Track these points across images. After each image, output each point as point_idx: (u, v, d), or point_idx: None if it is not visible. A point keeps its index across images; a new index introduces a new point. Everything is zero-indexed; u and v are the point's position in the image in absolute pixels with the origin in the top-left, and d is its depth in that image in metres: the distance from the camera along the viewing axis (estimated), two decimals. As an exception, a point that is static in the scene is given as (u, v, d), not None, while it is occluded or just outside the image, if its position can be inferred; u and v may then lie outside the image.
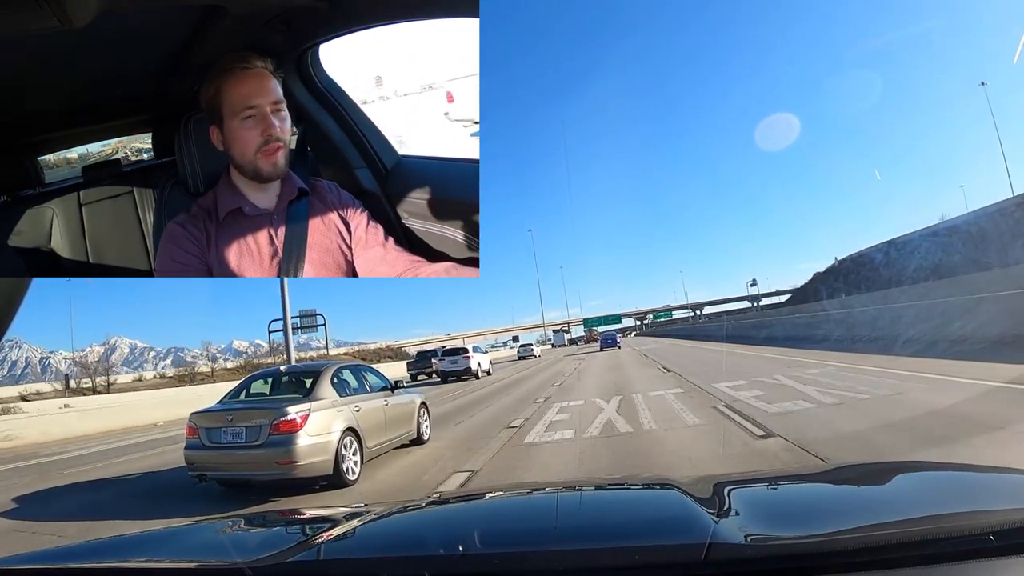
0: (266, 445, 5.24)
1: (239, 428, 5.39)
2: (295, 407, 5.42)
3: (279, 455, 5.21)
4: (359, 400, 6.27)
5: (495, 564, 1.01)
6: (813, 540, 0.95)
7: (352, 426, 5.83)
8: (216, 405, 6.13)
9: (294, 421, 5.30)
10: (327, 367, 6.38)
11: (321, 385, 5.97)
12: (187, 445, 5.65)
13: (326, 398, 5.82)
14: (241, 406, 5.86)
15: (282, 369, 6.99)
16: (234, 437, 5.39)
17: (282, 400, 5.82)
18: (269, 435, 5.24)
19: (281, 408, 5.39)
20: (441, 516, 1.58)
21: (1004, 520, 0.91)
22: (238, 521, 1.75)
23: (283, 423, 5.28)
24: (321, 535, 1.22)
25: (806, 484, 1.59)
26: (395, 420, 6.92)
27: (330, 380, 6.10)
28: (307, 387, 6.02)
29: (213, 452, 5.45)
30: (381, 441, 6.47)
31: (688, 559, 0.92)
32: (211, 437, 5.49)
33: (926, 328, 12.44)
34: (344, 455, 5.61)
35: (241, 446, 5.35)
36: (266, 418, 5.32)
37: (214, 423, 5.53)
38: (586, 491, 1.77)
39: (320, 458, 5.36)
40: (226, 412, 5.59)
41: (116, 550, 1.40)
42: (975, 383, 6.86)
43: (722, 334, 31.87)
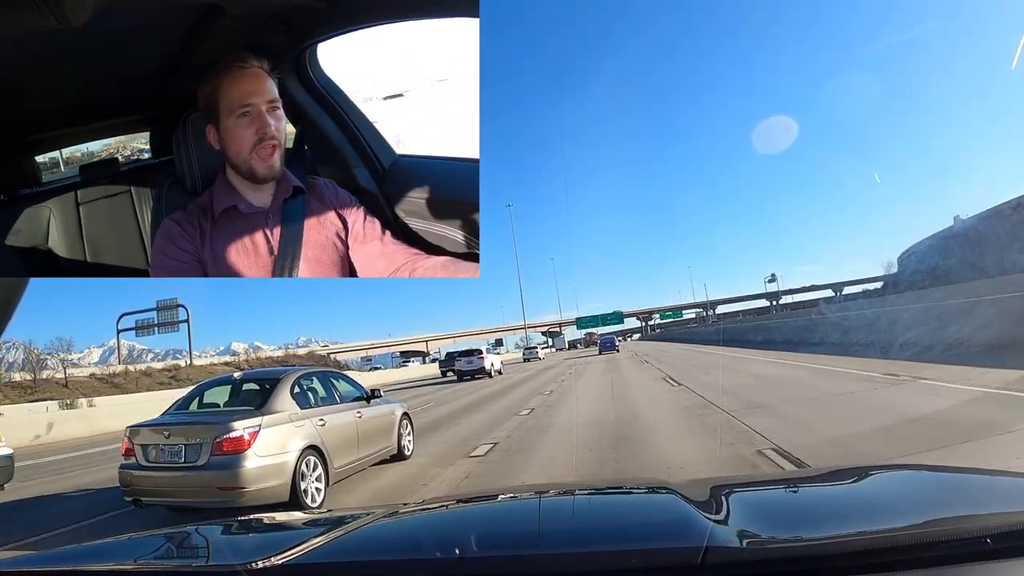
0: (207, 467, 4.48)
1: (177, 446, 4.62)
2: (242, 422, 4.61)
3: (221, 479, 4.43)
4: (325, 412, 5.45)
5: (492, 567, 1.01)
6: (810, 543, 0.95)
7: (315, 443, 5.05)
8: (157, 417, 5.32)
9: (240, 439, 4.51)
10: (287, 374, 5.52)
11: (277, 396, 5.11)
12: (122, 464, 4.91)
13: (283, 411, 5.00)
14: (180, 420, 5.05)
15: (236, 376, 5.88)
16: (172, 456, 4.63)
17: (228, 414, 5.00)
18: (211, 455, 4.48)
19: (225, 423, 4.59)
20: (437, 519, 1.58)
21: (1001, 523, 0.91)
22: (235, 524, 1.75)
23: (227, 441, 4.49)
24: (318, 538, 1.22)
25: (803, 487, 1.59)
26: (370, 434, 6.06)
27: (289, 390, 5.25)
28: (261, 398, 5.18)
29: (149, 473, 4.69)
30: (352, 460, 5.65)
31: (685, 562, 0.91)
32: (147, 455, 4.72)
33: None
34: (304, 478, 4.85)
35: (179, 467, 4.59)
36: (207, 435, 4.55)
37: (151, 439, 4.75)
38: (583, 494, 1.77)
39: (273, 482, 4.57)
40: (163, 427, 4.81)
41: (113, 553, 1.40)
42: None
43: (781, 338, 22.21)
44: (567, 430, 7.83)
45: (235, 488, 4.42)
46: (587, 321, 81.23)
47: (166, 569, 1.21)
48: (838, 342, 15.95)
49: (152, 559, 1.29)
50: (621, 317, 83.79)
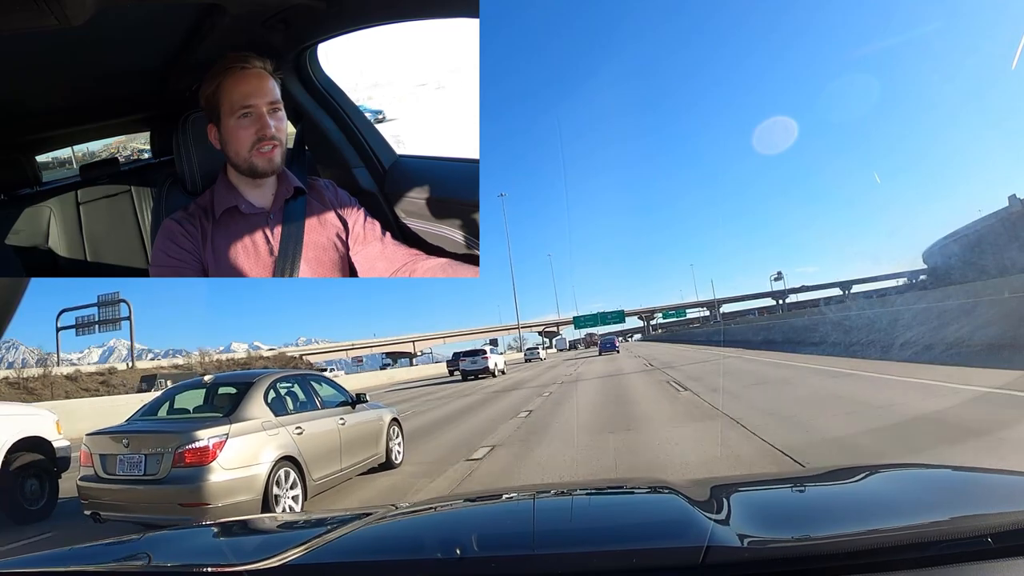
0: (168, 480, 4.07)
1: (137, 456, 4.21)
2: (208, 430, 4.19)
3: (184, 494, 4.02)
4: (304, 419, 5.03)
5: (492, 568, 1.01)
6: (811, 543, 0.95)
7: (290, 454, 4.64)
8: (119, 425, 4.87)
9: (204, 449, 4.09)
10: (261, 377, 5.10)
11: (249, 401, 4.67)
12: (81, 475, 4.51)
13: (255, 418, 4.57)
14: (140, 428, 4.62)
15: (206, 379, 5.40)
16: (131, 467, 4.21)
17: (193, 421, 4.61)
18: (172, 467, 4.07)
19: (187, 432, 4.16)
20: (438, 519, 1.58)
21: (1002, 522, 0.91)
22: (237, 525, 1.75)
23: (189, 452, 4.07)
24: (319, 539, 1.22)
25: (803, 487, 1.59)
26: (355, 443, 5.64)
27: (263, 395, 4.82)
28: (230, 404, 4.73)
29: (108, 485, 4.27)
30: (334, 471, 5.23)
31: (686, 562, 0.91)
32: (106, 466, 4.32)
33: None
34: (278, 492, 4.43)
35: (139, 479, 4.17)
36: (168, 445, 4.12)
37: (109, 448, 4.33)
38: (583, 494, 1.77)
39: (242, 497, 4.17)
40: (123, 435, 4.40)
41: (113, 553, 1.40)
42: None
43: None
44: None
45: (199, 504, 4.02)
46: (585, 320, 75.39)
47: (166, 569, 1.21)
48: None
49: (152, 560, 1.29)
50: (622, 316, 77.84)
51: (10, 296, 1.30)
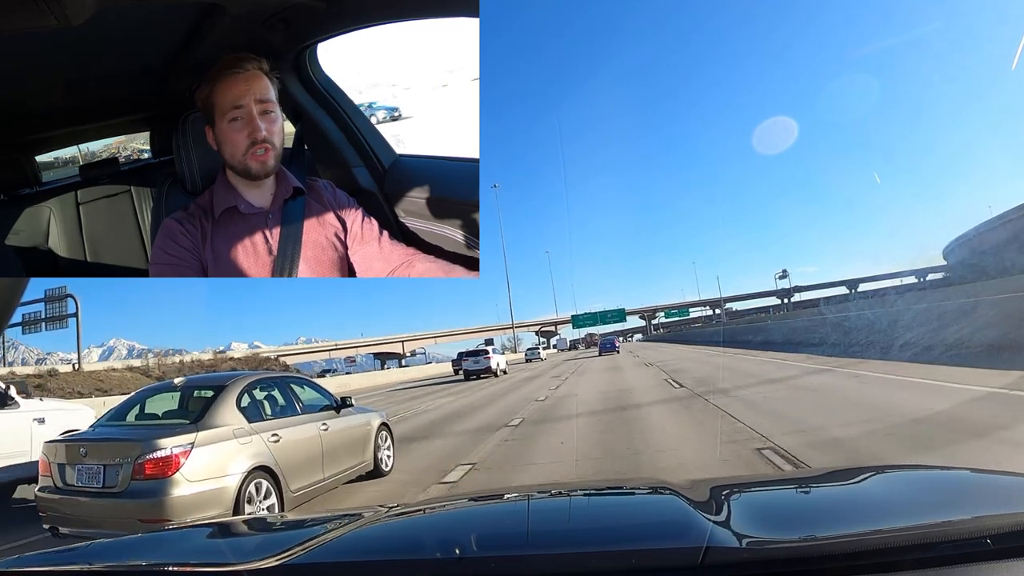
0: (126, 494, 3.70)
1: (95, 466, 3.85)
2: (171, 439, 3.83)
3: (144, 509, 3.64)
4: (282, 426, 4.67)
5: (491, 568, 1.01)
6: (810, 544, 0.95)
7: (265, 464, 4.27)
8: (81, 432, 4.58)
9: (166, 460, 3.74)
10: (234, 380, 4.70)
11: (220, 406, 4.32)
12: (39, 484, 4.18)
13: (225, 425, 4.21)
14: (100, 435, 4.28)
15: (177, 382, 5.03)
16: (90, 479, 3.87)
17: (156, 428, 4.24)
18: (131, 479, 3.72)
19: (148, 441, 3.80)
20: (437, 519, 1.58)
21: (1001, 523, 0.91)
22: (236, 525, 1.75)
23: (150, 462, 3.71)
24: (319, 539, 1.22)
25: (803, 487, 1.59)
26: (339, 450, 5.28)
27: (235, 399, 4.45)
28: (199, 409, 4.35)
29: (66, 497, 3.92)
30: (315, 480, 4.86)
31: (685, 563, 0.91)
32: (64, 476, 3.97)
33: None
34: (251, 505, 4.10)
35: (97, 492, 3.81)
36: (127, 454, 3.76)
37: (68, 457, 3.98)
38: (583, 495, 1.77)
39: (208, 512, 3.84)
40: (81, 443, 4.07)
41: (113, 553, 1.40)
42: None
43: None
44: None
45: (160, 520, 3.67)
46: (584, 319, 71.99)
47: (166, 569, 1.21)
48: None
49: (152, 559, 1.29)
50: (623, 314, 74.53)
51: (10, 296, 1.31)
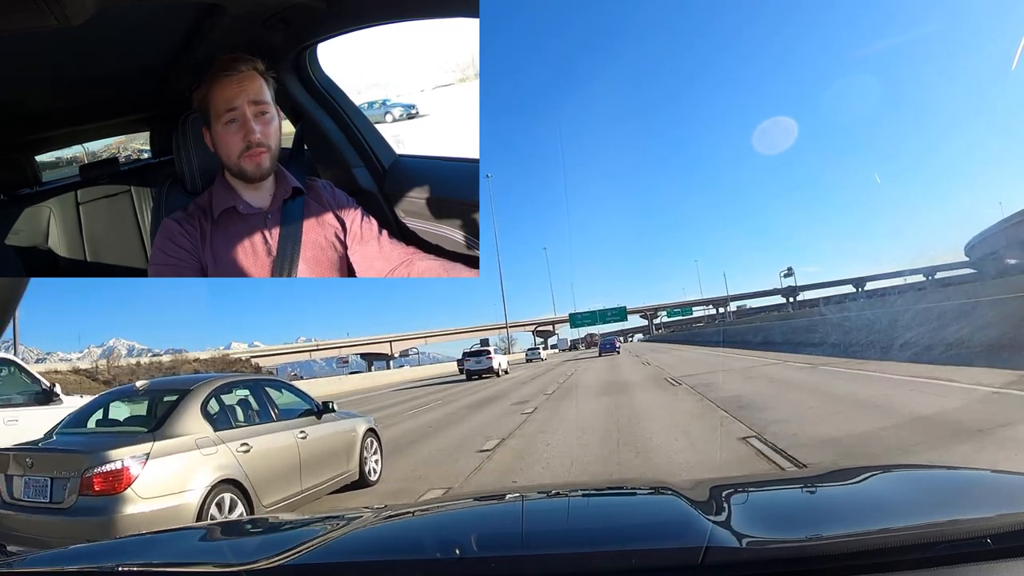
0: (73, 511, 3.32)
1: (42, 479, 3.50)
2: (122, 450, 3.44)
3: (91, 529, 3.26)
4: (253, 434, 4.27)
5: (491, 568, 1.00)
6: (810, 543, 0.95)
7: (232, 476, 3.88)
8: (31, 441, 4.14)
9: (117, 474, 3.35)
10: (200, 384, 4.29)
11: (182, 413, 3.91)
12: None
13: (187, 433, 3.81)
14: (48, 445, 3.89)
15: (138, 386, 4.54)
16: (37, 493, 3.51)
17: (109, 437, 3.82)
18: (78, 495, 3.34)
19: (97, 452, 3.42)
20: (437, 520, 1.58)
21: (1001, 523, 0.91)
22: (236, 525, 1.75)
23: (98, 477, 3.33)
24: (318, 539, 1.22)
25: (803, 487, 1.59)
26: (319, 459, 4.88)
27: (200, 405, 4.05)
28: (159, 416, 3.95)
29: (13, 512, 3.56)
30: (291, 494, 4.45)
31: (685, 562, 0.91)
32: (12, 490, 3.63)
33: None
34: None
35: (44, 507, 3.45)
36: (75, 467, 3.39)
37: (15, 468, 3.62)
38: (582, 495, 1.77)
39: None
40: (28, 453, 3.69)
41: (113, 553, 1.40)
42: None
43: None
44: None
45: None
46: (582, 318, 68.64)
47: (166, 570, 1.21)
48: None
49: (152, 560, 1.29)
50: (624, 313, 70.84)
51: (10, 296, 1.31)
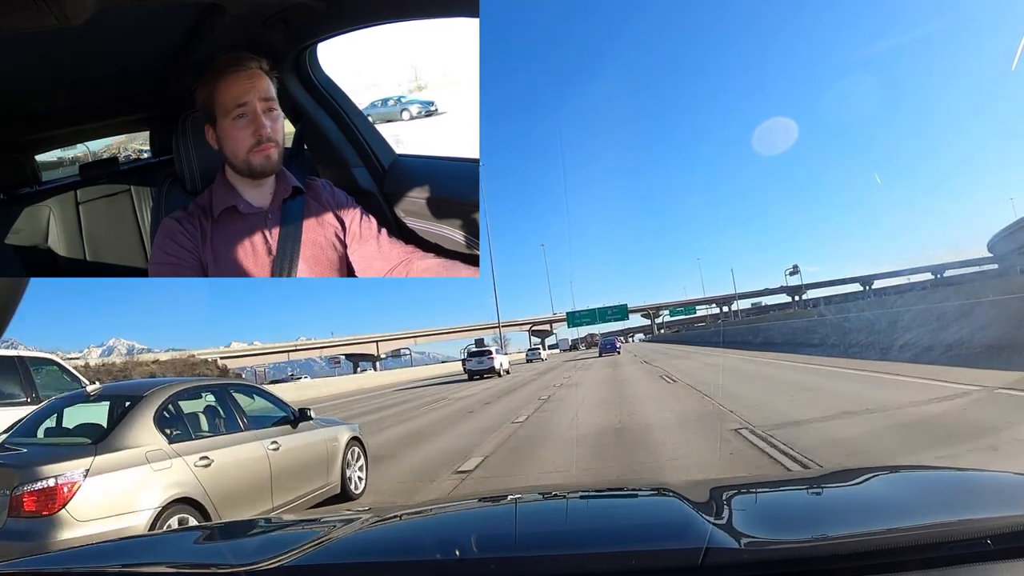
0: (4, 535, 2.94)
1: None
2: (58, 464, 3.04)
3: (20, 555, 2.40)
4: (214, 446, 3.80)
5: (491, 569, 1.00)
6: (810, 544, 0.95)
7: (188, 495, 3.44)
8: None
9: (50, 492, 2.96)
10: (156, 389, 3.78)
11: (131, 422, 3.47)
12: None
13: (137, 445, 3.36)
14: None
15: (90, 391, 3.99)
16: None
17: (48, 449, 3.48)
18: (8, 517, 2.96)
19: (29, 468, 3.04)
20: (437, 521, 1.58)
21: (1001, 524, 0.91)
22: (235, 526, 1.75)
23: (29, 496, 2.95)
24: (319, 540, 1.22)
25: (803, 488, 1.59)
26: (293, 472, 4.39)
27: (153, 413, 3.58)
28: (105, 426, 3.52)
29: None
30: (260, 512, 4.00)
31: (685, 564, 0.91)
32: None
33: None
34: None
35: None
36: (6, 484, 3.01)
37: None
38: (582, 496, 1.77)
39: None
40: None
41: (113, 554, 1.40)
42: None
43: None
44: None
45: None
46: (581, 317, 64.92)
47: (166, 571, 1.21)
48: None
49: (152, 560, 1.29)
50: (625, 312, 67.26)
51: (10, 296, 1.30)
